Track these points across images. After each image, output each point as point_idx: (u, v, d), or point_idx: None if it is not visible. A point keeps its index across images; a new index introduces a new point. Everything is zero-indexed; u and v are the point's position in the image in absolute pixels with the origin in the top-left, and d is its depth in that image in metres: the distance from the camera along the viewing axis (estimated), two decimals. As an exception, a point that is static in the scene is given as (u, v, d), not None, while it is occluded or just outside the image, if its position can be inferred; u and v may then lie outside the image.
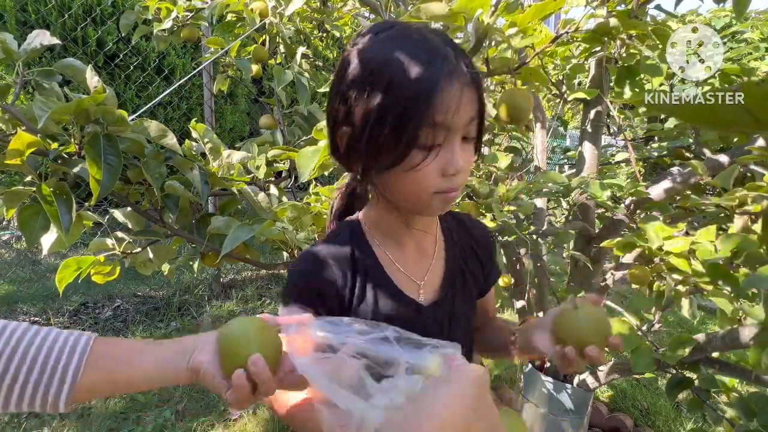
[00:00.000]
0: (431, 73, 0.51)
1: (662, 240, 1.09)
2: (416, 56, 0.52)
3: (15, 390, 0.45)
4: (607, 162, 1.87)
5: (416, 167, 0.55)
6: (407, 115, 0.52)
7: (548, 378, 1.56)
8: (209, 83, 2.90)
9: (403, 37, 0.55)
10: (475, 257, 0.75)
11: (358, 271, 0.66)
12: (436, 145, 0.55)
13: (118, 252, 1.11)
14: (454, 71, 0.53)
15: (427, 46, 0.53)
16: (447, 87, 0.52)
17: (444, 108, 0.52)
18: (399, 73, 0.52)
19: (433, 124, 0.53)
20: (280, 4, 1.54)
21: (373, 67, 0.54)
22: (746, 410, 1.04)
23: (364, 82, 0.54)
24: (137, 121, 0.97)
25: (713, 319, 3.08)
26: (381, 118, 0.53)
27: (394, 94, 0.52)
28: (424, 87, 0.51)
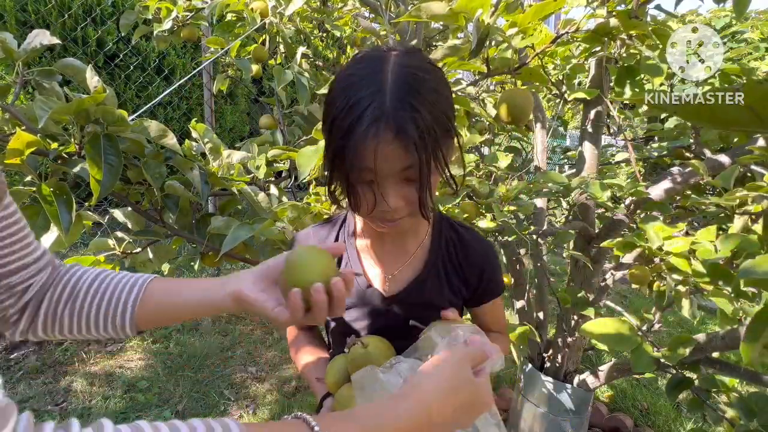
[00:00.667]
0: (360, 127, 0.54)
1: (662, 240, 1.09)
2: (355, 105, 0.55)
3: (93, 314, 0.58)
4: (607, 162, 1.87)
5: (351, 203, 0.61)
6: (340, 156, 0.57)
7: (548, 378, 1.56)
8: (209, 83, 2.90)
9: (363, 71, 0.58)
10: (458, 272, 0.76)
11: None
12: (370, 182, 0.59)
13: (118, 252, 1.11)
14: (386, 124, 0.54)
15: (370, 90, 0.55)
16: (374, 140, 0.54)
17: (369, 157, 0.55)
18: (338, 112, 0.57)
19: (363, 168, 0.57)
20: (280, 4, 1.54)
21: (332, 94, 0.60)
22: (746, 410, 1.04)
23: (325, 113, 0.61)
24: (137, 121, 0.97)
25: (713, 319, 3.08)
26: (327, 143, 0.61)
27: (333, 132, 0.58)
28: (352, 136, 0.55)
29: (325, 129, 0.61)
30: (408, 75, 0.57)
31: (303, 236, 0.80)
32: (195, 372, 2.28)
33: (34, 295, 0.58)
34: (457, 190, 0.75)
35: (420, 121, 0.55)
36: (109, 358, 2.33)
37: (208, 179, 1.08)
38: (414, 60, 0.59)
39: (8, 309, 0.57)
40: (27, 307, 0.58)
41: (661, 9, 1.15)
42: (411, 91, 0.56)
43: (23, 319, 0.58)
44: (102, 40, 3.46)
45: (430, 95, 0.57)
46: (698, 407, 1.16)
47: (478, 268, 0.76)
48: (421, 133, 0.55)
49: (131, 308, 0.58)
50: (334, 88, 0.60)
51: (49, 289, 0.59)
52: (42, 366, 2.21)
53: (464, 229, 0.79)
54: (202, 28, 1.84)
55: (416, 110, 0.55)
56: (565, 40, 1.10)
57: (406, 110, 0.54)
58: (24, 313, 0.58)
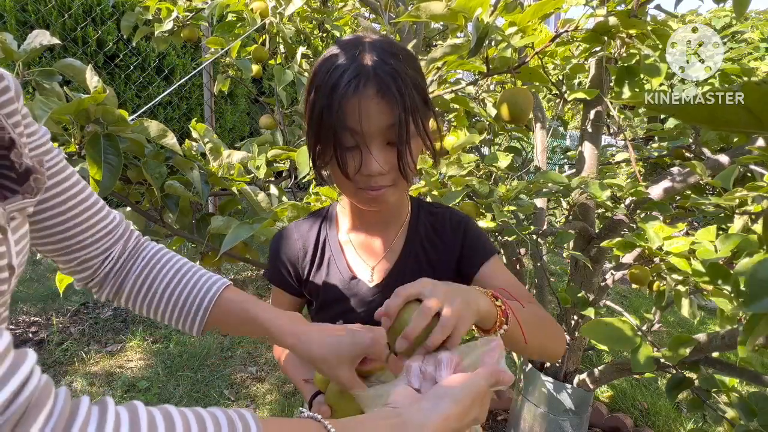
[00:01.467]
0: (342, 82, 0.56)
1: (662, 240, 1.09)
2: (337, 67, 0.58)
3: (168, 311, 0.62)
4: (607, 162, 1.87)
5: (339, 165, 0.61)
6: (324, 118, 0.59)
7: (548, 378, 1.56)
8: (209, 83, 2.90)
9: (342, 47, 0.60)
10: (439, 250, 0.77)
11: (320, 247, 0.77)
12: (353, 147, 0.60)
13: (118, 252, 1.11)
14: (367, 80, 0.56)
15: (349, 55, 0.58)
16: (355, 96, 0.56)
17: (354, 115, 0.57)
18: (321, 79, 0.59)
19: (346, 128, 0.58)
20: (280, 4, 1.54)
21: (313, 72, 0.62)
22: (746, 410, 1.04)
23: (309, 84, 0.63)
24: (137, 121, 0.97)
25: (713, 319, 3.08)
26: (310, 119, 0.62)
27: (317, 98, 0.59)
28: (335, 95, 0.57)
29: (308, 102, 0.63)
30: (385, 45, 0.60)
31: (287, 231, 0.81)
32: (195, 372, 2.28)
33: (111, 273, 0.61)
34: (436, 160, 0.75)
35: (400, 80, 0.57)
36: (109, 358, 2.33)
37: (208, 179, 1.08)
38: (388, 40, 0.63)
39: (87, 280, 0.61)
40: (105, 283, 0.62)
41: (661, 9, 1.15)
42: (388, 53, 0.59)
43: (105, 292, 0.63)
44: (102, 40, 3.46)
45: (408, 63, 0.61)
46: (698, 407, 1.16)
47: (458, 235, 0.76)
48: (401, 91, 0.57)
49: (201, 315, 0.62)
50: (316, 65, 0.62)
51: (129, 274, 0.62)
52: (42, 366, 2.21)
53: (440, 208, 0.80)
54: (202, 28, 1.84)
55: (395, 70, 0.58)
56: (565, 39, 1.10)
57: (386, 68, 0.57)
58: (104, 287, 0.62)
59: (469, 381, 0.47)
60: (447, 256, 0.76)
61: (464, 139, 1.30)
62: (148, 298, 0.62)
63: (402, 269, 0.75)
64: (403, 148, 0.59)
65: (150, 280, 0.62)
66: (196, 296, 0.62)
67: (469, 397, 0.45)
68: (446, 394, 0.46)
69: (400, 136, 0.58)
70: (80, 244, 0.57)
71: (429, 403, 0.45)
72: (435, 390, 0.46)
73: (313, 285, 0.77)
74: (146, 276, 0.62)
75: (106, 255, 0.60)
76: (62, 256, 0.57)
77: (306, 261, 0.77)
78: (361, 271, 0.76)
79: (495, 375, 0.48)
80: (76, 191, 0.54)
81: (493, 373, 0.48)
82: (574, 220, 1.42)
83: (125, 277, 0.62)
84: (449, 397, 0.45)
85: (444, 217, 0.78)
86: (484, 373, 0.48)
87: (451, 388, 0.46)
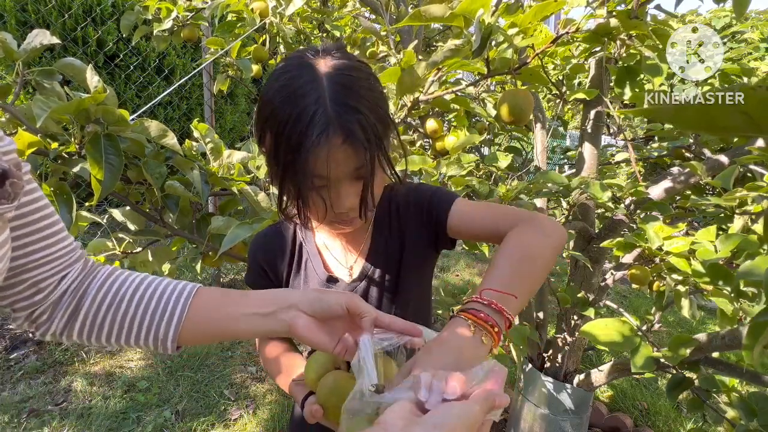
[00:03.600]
0: (311, 136, 0.55)
1: (662, 240, 1.09)
2: (300, 116, 0.56)
3: (134, 326, 0.54)
4: (607, 162, 1.87)
5: (306, 211, 0.62)
6: (291, 168, 0.58)
7: (548, 378, 1.57)
8: (209, 83, 2.90)
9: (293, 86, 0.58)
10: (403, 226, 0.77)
11: (297, 250, 0.78)
12: (321, 187, 0.60)
13: (118, 252, 1.11)
14: (334, 130, 0.55)
15: (308, 100, 0.56)
16: (324, 146, 0.55)
17: (322, 165, 0.57)
18: (282, 126, 0.57)
19: (315, 175, 0.58)
20: (280, 4, 1.54)
21: (268, 108, 0.59)
22: (746, 410, 1.04)
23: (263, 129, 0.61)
24: (137, 121, 0.97)
25: (713, 319, 3.08)
26: (274, 163, 0.60)
27: (281, 146, 0.58)
28: (303, 147, 0.55)
29: (269, 142, 0.61)
30: (342, 77, 0.58)
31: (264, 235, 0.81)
32: (195, 372, 2.28)
33: (66, 294, 0.54)
34: (401, 181, 0.75)
35: (364, 121, 0.57)
36: (109, 358, 2.33)
37: (208, 179, 1.08)
38: (342, 60, 0.60)
39: (35, 307, 0.52)
40: (59, 308, 0.54)
41: (661, 9, 1.15)
42: (349, 94, 0.58)
43: (56, 321, 0.54)
44: (102, 40, 3.46)
45: (366, 93, 0.59)
46: (698, 407, 1.16)
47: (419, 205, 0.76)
48: (367, 133, 0.57)
49: (176, 321, 0.55)
50: (268, 103, 0.60)
51: (87, 293, 0.55)
52: (42, 366, 2.21)
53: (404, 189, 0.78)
54: (202, 28, 1.84)
55: (359, 111, 0.57)
56: (565, 40, 1.10)
57: (350, 113, 0.56)
58: (56, 314, 0.54)
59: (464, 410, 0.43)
60: (415, 229, 0.76)
61: (464, 139, 1.30)
62: (111, 313, 0.54)
63: (375, 260, 0.76)
64: (368, 189, 0.61)
65: (113, 293, 0.55)
66: (168, 299, 0.56)
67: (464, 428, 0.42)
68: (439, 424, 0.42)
69: (366, 177, 0.60)
70: (38, 262, 0.51)
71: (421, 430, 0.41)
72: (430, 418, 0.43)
73: (294, 288, 0.78)
74: (108, 290, 0.55)
75: (65, 274, 0.54)
76: (12, 278, 0.50)
77: (284, 265, 0.79)
78: (339, 272, 0.77)
79: (490, 400, 0.44)
80: (39, 206, 0.50)
81: (488, 398, 0.44)
82: (574, 220, 1.42)
83: (84, 295, 0.55)
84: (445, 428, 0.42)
85: (404, 196, 0.78)
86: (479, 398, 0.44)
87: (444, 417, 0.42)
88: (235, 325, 0.56)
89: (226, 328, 0.56)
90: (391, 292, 0.77)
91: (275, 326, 0.56)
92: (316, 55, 0.60)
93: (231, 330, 0.56)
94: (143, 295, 0.55)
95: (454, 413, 0.43)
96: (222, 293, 0.59)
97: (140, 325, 0.54)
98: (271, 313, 0.56)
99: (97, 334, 0.54)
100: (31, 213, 0.49)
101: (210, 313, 0.56)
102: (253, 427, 1.93)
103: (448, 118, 1.58)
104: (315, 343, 0.55)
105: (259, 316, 0.56)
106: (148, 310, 0.55)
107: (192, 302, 0.56)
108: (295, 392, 0.73)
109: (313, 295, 0.57)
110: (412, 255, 0.76)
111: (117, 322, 0.54)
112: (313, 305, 0.56)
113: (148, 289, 0.56)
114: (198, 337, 0.57)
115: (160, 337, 0.54)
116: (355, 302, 0.55)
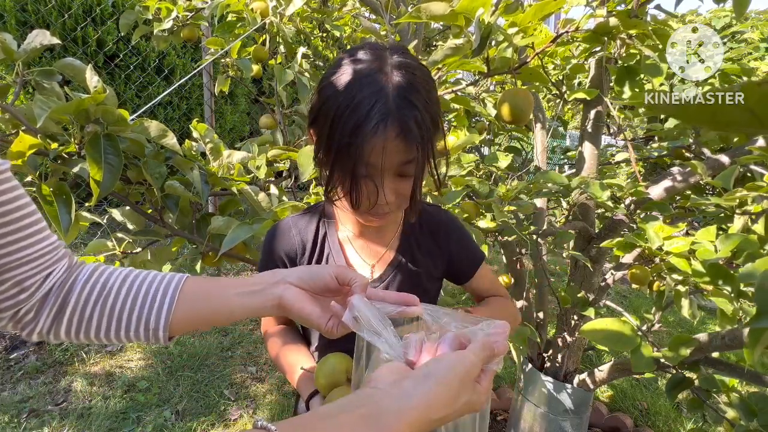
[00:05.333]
0: (368, 124, 0.56)
1: (662, 240, 1.09)
2: (361, 103, 0.57)
3: (123, 318, 0.53)
4: (607, 162, 1.87)
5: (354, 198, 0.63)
6: (345, 153, 0.59)
7: (548, 378, 1.56)
8: (209, 83, 2.90)
9: (363, 72, 0.60)
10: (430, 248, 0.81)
11: (319, 243, 0.78)
12: (365, 176, 0.62)
13: (118, 252, 1.11)
14: (392, 123, 0.57)
15: (374, 90, 0.58)
16: (380, 136, 0.57)
17: (376, 154, 0.59)
18: (341, 110, 0.58)
19: (366, 163, 0.60)
20: (280, 4, 1.53)
21: (328, 90, 0.61)
22: (746, 410, 1.04)
23: (321, 110, 0.62)
24: (137, 121, 0.97)
25: (713, 319, 3.08)
26: (328, 146, 0.62)
27: (337, 129, 0.59)
28: (359, 134, 0.57)
29: (323, 126, 0.62)
30: (406, 74, 0.60)
31: (284, 226, 0.81)
32: (195, 372, 2.28)
33: (51, 291, 0.53)
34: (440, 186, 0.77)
35: (419, 118, 0.59)
36: (109, 358, 2.33)
37: (208, 179, 1.08)
38: (408, 59, 0.63)
39: (20, 306, 0.51)
40: (44, 306, 0.53)
41: (661, 9, 1.15)
42: (411, 90, 0.59)
43: (42, 319, 0.52)
44: (102, 40, 3.46)
45: (426, 93, 0.61)
46: (698, 407, 1.16)
47: (449, 239, 0.82)
48: (421, 131, 0.59)
49: (167, 308, 0.54)
50: (331, 84, 0.61)
51: (73, 288, 0.54)
52: (42, 366, 2.21)
53: (429, 206, 0.84)
54: (202, 28, 1.84)
55: (417, 108, 0.59)
56: (565, 39, 1.10)
57: (409, 108, 0.58)
58: (42, 312, 0.52)
59: (457, 359, 0.41)
60: (436, 257, 0.81)
61: (464, 139, 1.30)
62: (99, 306, 0.53)
63: (399, 264, 0.78)
64: (419, 182, 0.63)
65: (100, 286, 0.54)
66: (157, 289, 0.55)
67: (457, 378, 0.40)
68: (430, 373, 0.40)
69: (417, 171, 0.62)
70: (21, 260, 0.49)
71: (411, 384, 0.40)
72: (420, 369, 0.41)
73: None
74: (95, 284, 0.54)
75: (49, 272, 0.53)
76: None
77: (305, 258, 0.78)
78: (360, 269, 0.78)
79: (488, 347, 0.43)
80: (19, 204, 0.48)
81: (485, 345, 0.42)
82: (574, 220, 1.42)
83: (69, 290, 0.53)
84: (434, 378, 0.40)
85: (432, 216, 0.82)
86: (474, 347, 0.42)
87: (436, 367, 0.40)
88: (226, 305, 0.56)
89: (217, 310, 0.56)
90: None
91: (266, 301, 0.56)
92: (385, 50, 0.63)
93: (223, 311, 0.56)
94: (131, 287, 0.54)
95: (446, 363, 0.41)
96: (211, 279, 0.59)
97: (129, 317, 0.53)
98: (260, 290, 0.56)
99: (86, 330, 0.53)
100: (11, 212, 0.48)
101: (200, 297, 0.56)
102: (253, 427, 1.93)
103: (448, 117, 1.58)
104: (306, 314, 0.56)
105: (248, 294, 0.56)
106: (137, 301, 0.54)
107: (182, 289, 0.55)
108: (301, 388, 0.74)
109: (303, 268, 0.58)
110: (427, 277, 0.81)
111: (105, 315, 0.53)
112: (301, 276, 0.56)
113: (136, 281, 0.55)
114: (190, 323, 0.56)
115: (151, 327, 0.53)
116: (344, 270, 0.56)
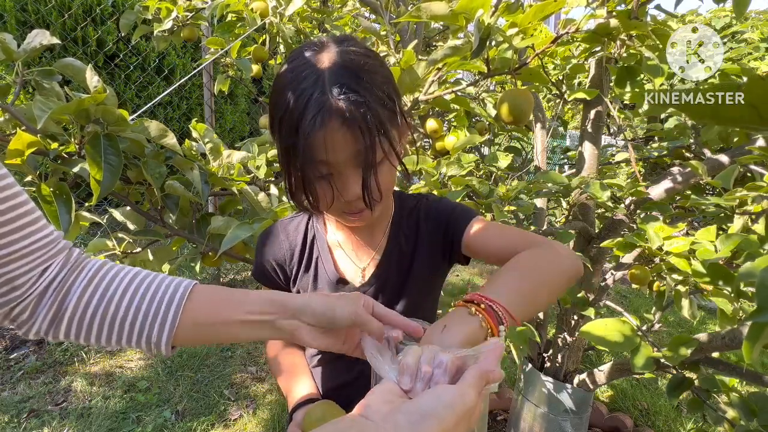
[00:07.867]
0: (306, 119, 0.54)
1: (662, 240, 1.09)
2: (298, 100, 0.55)
3: (125, 327, 0.51)
4: (607, 162, 1.87)
5: (312, 199, 0.61)
6: (292, 154, 0.58)
7: (548, 378, 1.56)
8: (209, 83, 2.90)
9: (299, 70, 0.58)
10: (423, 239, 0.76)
11: (307, 247, 0.76)
12: (327, 175, 0.60)
13: (118, 252, 1.10)
14: (330, 113, 0.54)
15: (310, 83, 0.56)
16: (321, 130, 0.54)
17: (320, 149, 0.56)
18: (282, 112, 0.57)
19: (315, 161, 0.57)
20: (280, 4, 1.54)
21: (273, 98, 0.60)
22: (746, 410, 1.04)
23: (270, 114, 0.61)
24: (137, 120, 0.97)
25: (713, 319, 3.08)
26: (279, 153, 0.61)
27: (282, 133, 0.58)
28: (300, 132, 0.55)
29: (274, 131, 0.61)
30: (344, 61, 0.57)
31: (273, 231, 0.79)
32: (195, 372, 2.27)
33: (48, 290, 0.49)
34: (409, 175, 0.74)
35: (363, 104, 0.55)
36: (109, 358, 2.33)
37: (208, 179, 1.08)
38: (350, 45, 0.60)
39: (12, 304, 0.48)
40: (41, 305, 0.49)
41: (661, 9, 1.15)
42: (349, 75, 0.56)
43: (39, 319, 0.49)
44: (102, 40, 3.46)
45: (369, 77, 0.57)
46: (698, 407, 1.16)
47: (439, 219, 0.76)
48: (366, 117, 0.55)
49: (170, 324, 0.51)
50: (276, 88, 0.60)
51: (73, 289, 0.50)
52: (42, 366, 2.21)
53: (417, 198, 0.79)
54: (202, 28, 1.84)
55: (357, 93, 0.55)
56: (565, 40, 1.10)
57: (348, 95, 0.55)
58: (38, 312, 0.49)
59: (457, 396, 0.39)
60: (429, 244, 0.76)
61: (464, 140, 1.30)
62: (99, 312, 0.50)
63: (387, 266, 0.75)
64: (369, 174, 0.58)
65: (102, 289, 0.51)
66: (162, 299, 0.52)
67: (456, 416, 0.38)
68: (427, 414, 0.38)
69: (367, 160, 0.57)
70: (12, 256, 0.45)
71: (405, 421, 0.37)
72: (416, 404, 0.39)
73: (302, 286, 0.77)
74: (97, 284, 0.51)
75: (45, 267, 0.49)
76: None
77: (294, 262, 0.77)
78: (350, 273, 0.76)
79: (484, 377, 0.42)
80: (8, 194, 0.45)
81: (482, 375, 0.41)
82: (574, 220, 1.42)
83: (68, 291, 0.50)
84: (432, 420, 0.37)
85: (426, 208, 0.77)
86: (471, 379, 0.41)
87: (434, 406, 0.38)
88: (233, 331, 0.53)
89: (223, 333, 0.54)
90: (400, 299, 0.76)
91: (275, 334, 0.55)
92: (324, 43, 0.60)
93: (228, 335, 0.54)
94: (134, 296, 0.51)
95: (446, 401, 0.39)
96: (219, 293, 0.56)
97: (131, 328, 0.51)
98: (270, 321, 0.54)
99: (86, 335, 0.51)
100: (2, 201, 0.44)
101: (206, 316, 0.53)
102: (253, 427, 1.93)
103: (448, 118, 1.58)
104: (322, 348, 0.56)
105: (258, 324, 0.54)
106: (139, 312, 0.51)
107: (186, 304, 0.52)
108: (289, 399, 0.76)
109: (318, 303, 0.54)
110: (424, 266, 0.76)
111: (106, 324, 0.50)
112: (317, 318, 0.53)
113: (140, 288, 0.52)
114: (193, 340, 0.54)
115: (153, 340, 0.51)
116: (362, 318, 0.53)
